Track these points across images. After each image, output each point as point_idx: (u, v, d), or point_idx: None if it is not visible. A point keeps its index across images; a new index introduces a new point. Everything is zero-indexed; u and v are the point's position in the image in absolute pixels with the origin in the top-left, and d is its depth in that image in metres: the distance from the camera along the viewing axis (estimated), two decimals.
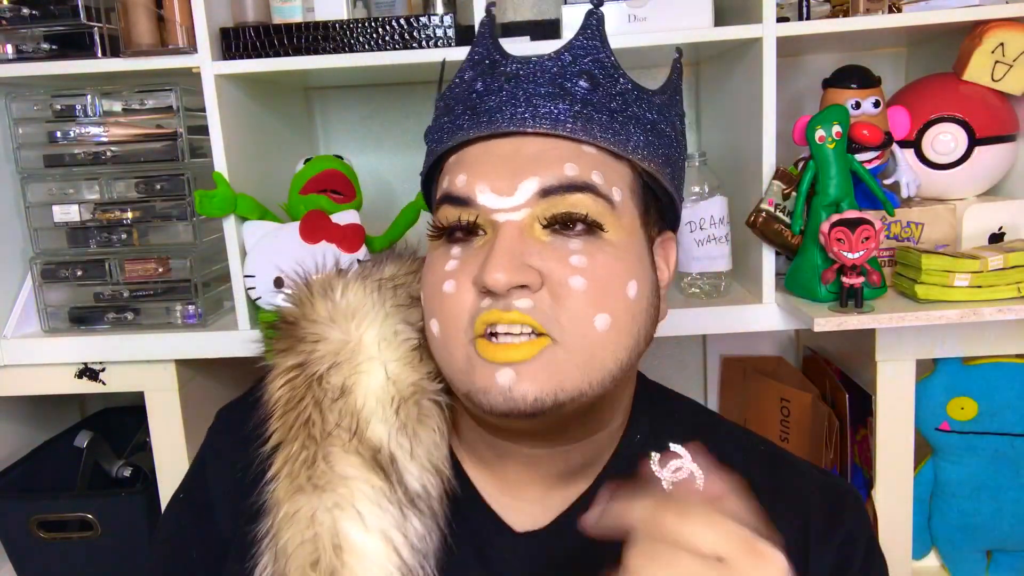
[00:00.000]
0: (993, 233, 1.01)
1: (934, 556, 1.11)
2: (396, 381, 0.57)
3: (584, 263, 0.51)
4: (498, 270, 0.49)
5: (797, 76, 1.26)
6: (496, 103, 0.54)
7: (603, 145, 0.54)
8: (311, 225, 1.00)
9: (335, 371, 0.57)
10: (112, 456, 1.25)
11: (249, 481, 0.58)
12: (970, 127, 1.01)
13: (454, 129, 0.56)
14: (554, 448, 0.58)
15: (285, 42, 1.00)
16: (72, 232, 1.06)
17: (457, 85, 0.58)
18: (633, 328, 0.54)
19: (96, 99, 1.03)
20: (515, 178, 0.52)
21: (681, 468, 0.61)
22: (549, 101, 0.53)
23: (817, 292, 0.96)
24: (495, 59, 0.56)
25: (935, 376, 1.03)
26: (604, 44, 0.56)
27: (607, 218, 0.53)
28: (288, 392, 0.58)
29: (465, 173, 0.54)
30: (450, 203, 0.54)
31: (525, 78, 0.55)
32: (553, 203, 0.52)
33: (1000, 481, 1.03)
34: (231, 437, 0.63)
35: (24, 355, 1.07)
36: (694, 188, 1.05)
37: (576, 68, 0.55)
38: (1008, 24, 0.96)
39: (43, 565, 1.13)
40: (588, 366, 0.51)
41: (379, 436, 0.56)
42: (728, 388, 1.39)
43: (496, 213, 0.52)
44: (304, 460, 0.55)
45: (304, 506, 0.54)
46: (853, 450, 1.13)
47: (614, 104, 0.55)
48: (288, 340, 0.60)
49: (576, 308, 0.51)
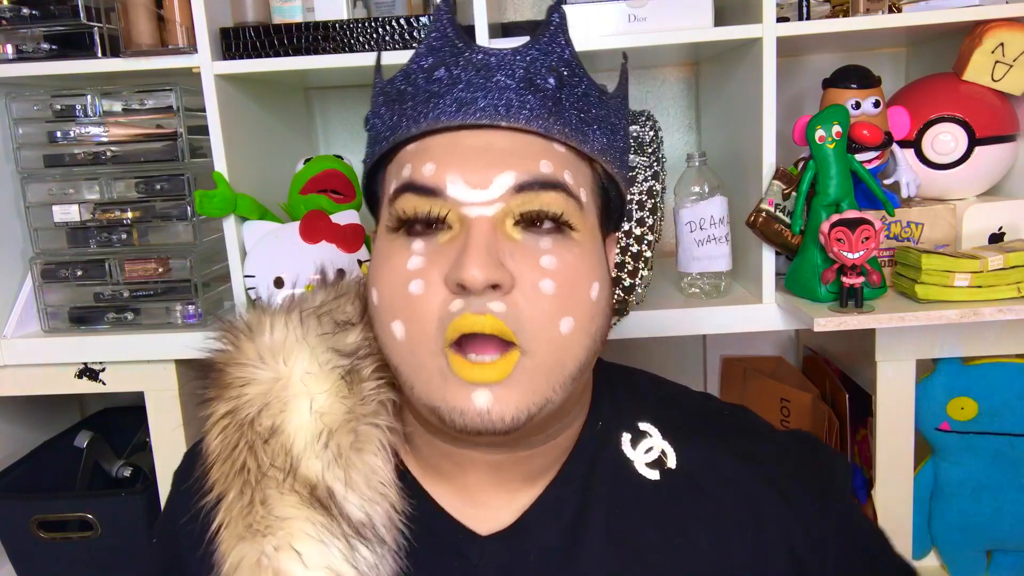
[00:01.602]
0: (993, 233, 1.01)
1: (934, 556, 1.11)
2: (324, 413, 0.55)
3: (554, 264, 0.51)
4: (475, 267, 0.47)
5: (797, 76, 1.26)
6: (466, 93, 0.52)
7: (573, 144, 0.53)
8: (311, 225, 1.00)
9: (265, 412, 0.55)
10: (112, 456, 1.25)
11: (199, 532, 0.57)
12: (970, 127, 1.01)
13: (416, 116, 0.53)
14: (515, 453, 0.57)
15: (285, 42, 1.00)
16: (72, 232, 1.06)
17: (413, 72, 0.55)
18: (592, 328, 0.53)
19: (96, 99, 1.03)
20: (490, 171, 0.50)
21: (652, 448, 0.61)
22: (521, 94, 0.52)
23: (817, 292, 0.96)
24: (457, 46, 0.54)
25: (935, 376, 1.02)
26: (568, 44, 0.54)
27: (576, 218, 0.52)
28: (222, 441, 0.56)
29: (433, 162, 0.51)
30: (414, 192, 0.51)
31: (496, 69, 0.52)
32: (527, 199, 0.51)
33: (1000, 481, 1.03)
34: (183, 489, 0.62)
35: (24, 355, 1.07)
36: (694, 188, 1.05)
37: (545, 64, 0.53)
38: (1008, 24, 0.96)
39: (43, 565, 1.13)
40: (552, 372, 0.51)
41: (313, 472, 0.54)
42: (728, 388, 1.39)
43: (467, 207, 0.50)
44: (242, 508, 0.54)
45: (248, 553, 0.53)
46: (853, 450, 1.13)
47: (580, 104, 0.54)
48: (217, 388, 0.58)
49: (543, 312, 0.50)
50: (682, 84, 1.35)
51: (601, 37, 0.98)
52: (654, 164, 0.96)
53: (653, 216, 0.96)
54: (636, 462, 0.60)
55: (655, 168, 0.96)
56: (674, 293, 1.11)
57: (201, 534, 0.56)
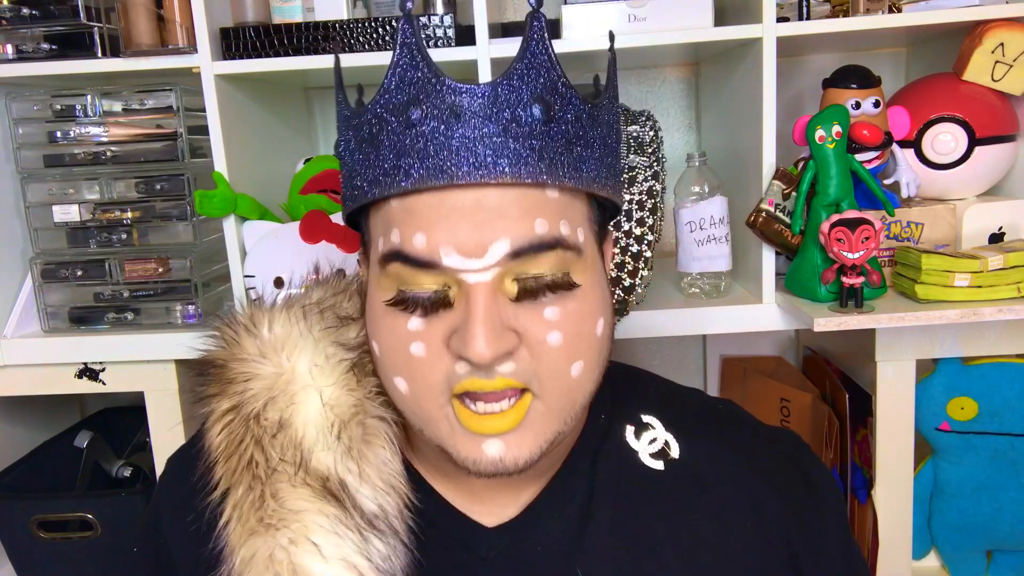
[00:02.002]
0: (993, 233, 1.01)
1: (934, 556, 1.11)
2: (334, 406, 0.55)
3: (558, 315, 0.50)
4: (483, 345, 0.47)
5: (797, 76, 1.26)
6: (447, 149, 0.48)
7: (566, 184, 0.50)
8: (311, 225, 1.00)
9: (271, 406, 0.55)
10: (112, 456, 1.25)
11: (204, 530, 0.57)
12: (970, 127, 1.01)
13: (395, 172, 0.50)
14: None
15: (285, 42, 1.00)
16: (72, 232, 1.06)
17: (385, 110, 0.50)
18: (600, 360, 0.54)
19: (96, 99, 1.03)
20: (482, 237, 0.48)
21: (656, 439, 0.61)
22: (506, 141, 0.48)
23: (817, 292, 0.95)
24: (429, 80, 0.49)
25: (935, 376, 1.02)
26: (552, 61, 0.50)
27: (575, 266, 0.51)
28: (226, 437, 0.56)
29: (423, 232, 0.49)
30: (407, 263, 0.50)
31: (476, 113, 0.48)
32: (524, 264, 0.49)
33: (1000, 481, 1.03)
34: (182, 486, 0.61)
35: (24, 355, 1.07)
36: (694, 188, 1.05)
37: (527, 93, 0.49)
38: (1008, 24, 0.96)
39: (43, 565, 1.13)
40: (564, 409, 0.52)
41: (325, 464, 0.54)
42: (728, 388, 1.39)
43: (464, 274, 0.49)
44: (252, 502, 0.54)
45: (260, 548, 0.53)
46: (853, 450, 1.13)
47: (570, 132, 0.51)
48: (218, 384, 0.57)
49: (554, 362, 0.51)
50: (682, 84, 1.35)
51: (601, 37, 0.98)
52: (654, 164, 0.96)
53: (653, 216, 0.96)
54: (640, 453, 0.61)
55: (655, 168, 0.96)
56: (674, 293, 1.11)
57: (207, 532, 0.56)
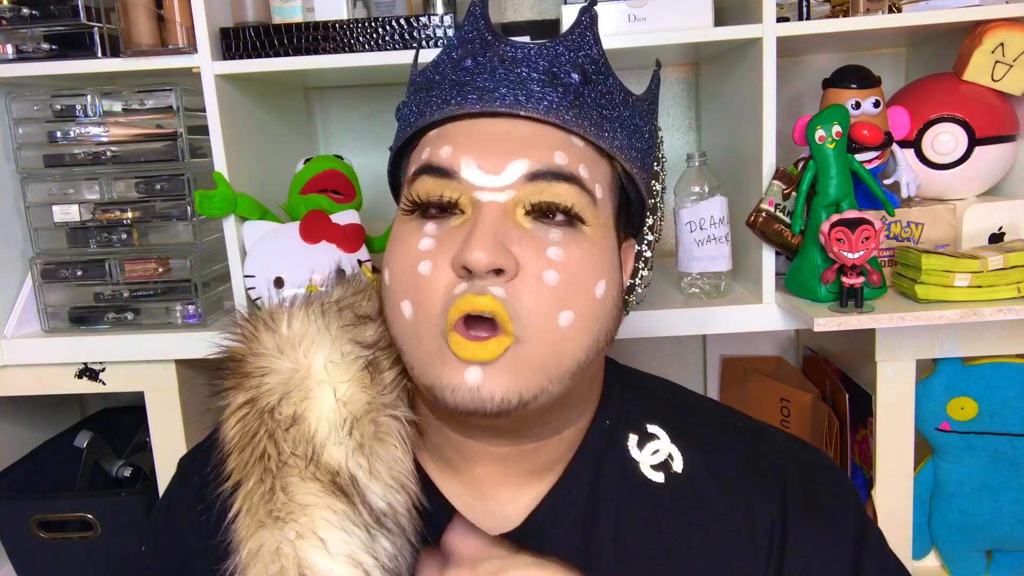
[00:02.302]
0: (993, 233, 1.01)
1: (934, 556, 1.11)
2: (347, 402, 0.56)
3: (560, 256, 0.51)
4: (479, 249, 0.48)
5: (797, 76, 1.26)
6: (489, 82, 0.53)
7: (591, 139, 0.54)
8: (311, 225, 1.00)
9: (285, 401, 0.55)
10: (112, 456, 1.25)
11: (214, 522, 0.57)
12: (970, 127, 1.01)
13: (440, 103, 0.55)
14: (521, 446, 0.58)
15: (285, 42, 1.00)
16: (72, 232, 1.06)
17: (443, 62, 0.57)
18: (595, 327, 0.53)
19: (96, 99, 1.03)
20: (504, 158, 0.51)
21: (659, 451, 0.61)
22: (543, 87, 0.53)
23: (817, 292, 0.96)
24: (487, 39, 0.55)
25: (935, 376, 1.02)
26: (596, 42, 0.56)
27: (588, 212, 0.53)
28: (240, 429, 0.56)
29: (451, 145, 0.53)
30: (430, 174, 0.53)
31: (520, 62, 0.54)
32: (539, 189, 0.51)
33: (1000, 481, 1.03)
34: (194, 481, 0.62)
35: (24, 355, 1.07)
36: (694, 188, 1.05)
37: (569, 60, 0.54)
38: (1008, 24, 0.96)
39: (43, 565, 1.13)
40: (548, 364, 0.51)
41: (336, 459, 0.54)
42: (728, 388, 1.39)
43: (479, 191, 0.51)
44: (262, 494, 0.54)
45: (268, 540, 0.53)
46: (853, 450, 1.13)
47: (603, 101, 0.55)
48: (235, 378, 0.58)
49: (543, 302, 0.50)
50: (682, 84, 1.35)
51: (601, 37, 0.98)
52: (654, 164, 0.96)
53: (653, 216, 0.96)
54: (642, 463, 0.60)
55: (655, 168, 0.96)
56: (674, 293, 1.11)
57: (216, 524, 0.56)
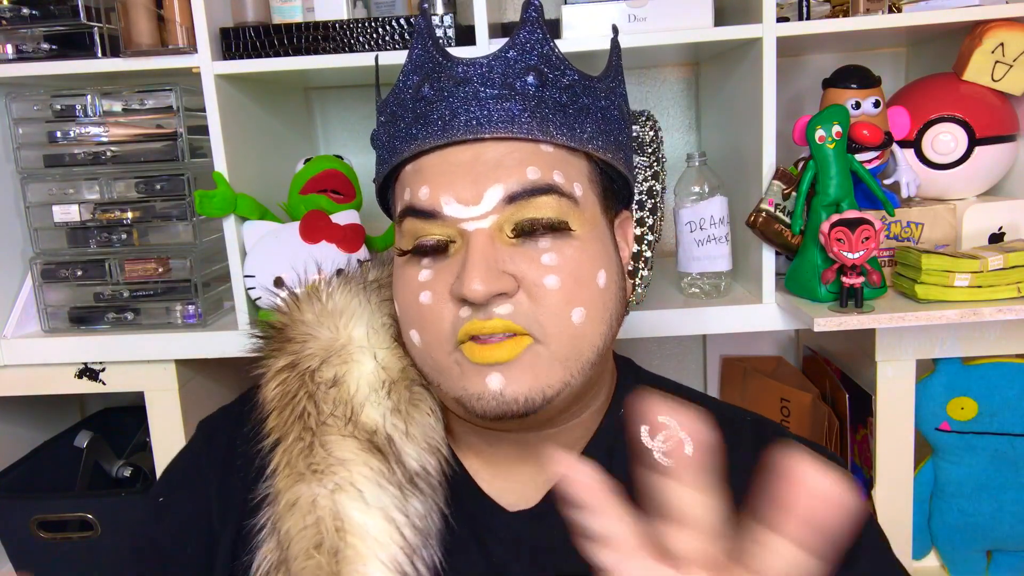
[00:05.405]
0: (993, 233, 1.01)
1: (934, 556, 1.11)
2: (386, 367, 0.59)
3: (555, 261, 0.53)
4: (475, 281, 0.50)
5: (797, 76, 1.26)
6: (448, 110, 0.54)
7: (559, 142, 0.55)
8: (311, 225, 1.00)
9: (326, 365, 0.59)
10: (112, 456, 1.25)
11: (250, 477, 0.59)
12: (970, 127, 1.01)
13: (407, 138, 0.56)
14: (542, 432, 0.60)
15: (285, 42, 1.00)
16: (72, 232, 1.06)
17: (401, 90, 0.58)
18: (605, 315, 0.56)
19: (96, 99, 1.03)
20: (479, 186, 0.53)
21: (671, 437, 0.62)
22: (501, 102, 0.54)
23: (817, 292, 0.96)
24: (438, 60, 0.56)
25: (935, 376, 1.02)
26: (546, 37, 0.56)
27: (571, 215, 0.54)
28: (281, 390, 0.59)
29: (427, 185, 0.54)
30: (415, 216, 0.55)
31: (473, 80, 0.54)
32: (519, 208, 0.53)
33: (1000, 481, 1.03)
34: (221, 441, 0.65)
35: (24, 355, 1.07)
36: (694, 188, 1.05)
37: (522, 65, 0.55)
38: (1008, 24, 0.96)
39: (43, 565, 1.13)
40: (569, 359, 0.54)
41: (373, 419, 0.57)
42: (728, 388, 1.39)
43: (464, 222, 0.53)
44: (301, 449, 0.57)
45: (305, 493, 0.55)
46: (853, 450, 1.13)
47: (564, 98, 0.55)
48: (278, 343, 0.61)
49: (553, 305, 0.53)
50: (682, 84, 1.35)
51: (601, 37, 0.98)
52: (654, 164, 0.96)
53: (653, 216, 0.96)
54: (655, 451, 0.62)
55: (655, 168, 0.96)
56: (674, 293, 1.11)
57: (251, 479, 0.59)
